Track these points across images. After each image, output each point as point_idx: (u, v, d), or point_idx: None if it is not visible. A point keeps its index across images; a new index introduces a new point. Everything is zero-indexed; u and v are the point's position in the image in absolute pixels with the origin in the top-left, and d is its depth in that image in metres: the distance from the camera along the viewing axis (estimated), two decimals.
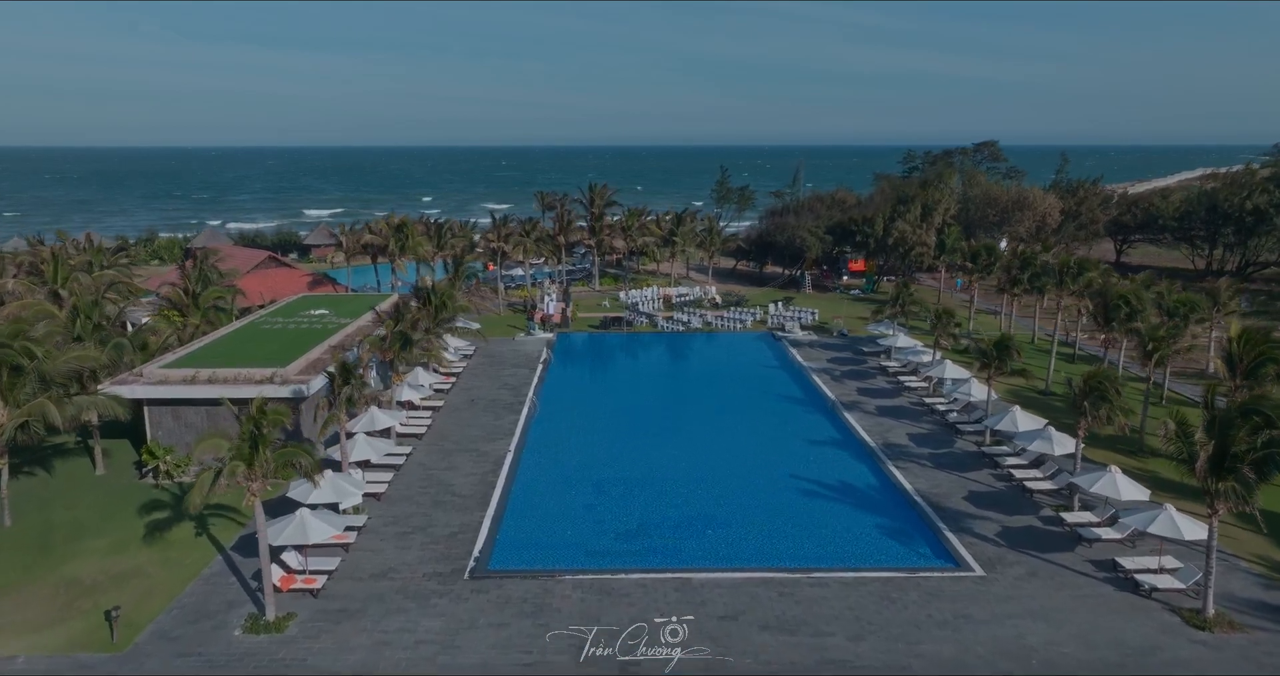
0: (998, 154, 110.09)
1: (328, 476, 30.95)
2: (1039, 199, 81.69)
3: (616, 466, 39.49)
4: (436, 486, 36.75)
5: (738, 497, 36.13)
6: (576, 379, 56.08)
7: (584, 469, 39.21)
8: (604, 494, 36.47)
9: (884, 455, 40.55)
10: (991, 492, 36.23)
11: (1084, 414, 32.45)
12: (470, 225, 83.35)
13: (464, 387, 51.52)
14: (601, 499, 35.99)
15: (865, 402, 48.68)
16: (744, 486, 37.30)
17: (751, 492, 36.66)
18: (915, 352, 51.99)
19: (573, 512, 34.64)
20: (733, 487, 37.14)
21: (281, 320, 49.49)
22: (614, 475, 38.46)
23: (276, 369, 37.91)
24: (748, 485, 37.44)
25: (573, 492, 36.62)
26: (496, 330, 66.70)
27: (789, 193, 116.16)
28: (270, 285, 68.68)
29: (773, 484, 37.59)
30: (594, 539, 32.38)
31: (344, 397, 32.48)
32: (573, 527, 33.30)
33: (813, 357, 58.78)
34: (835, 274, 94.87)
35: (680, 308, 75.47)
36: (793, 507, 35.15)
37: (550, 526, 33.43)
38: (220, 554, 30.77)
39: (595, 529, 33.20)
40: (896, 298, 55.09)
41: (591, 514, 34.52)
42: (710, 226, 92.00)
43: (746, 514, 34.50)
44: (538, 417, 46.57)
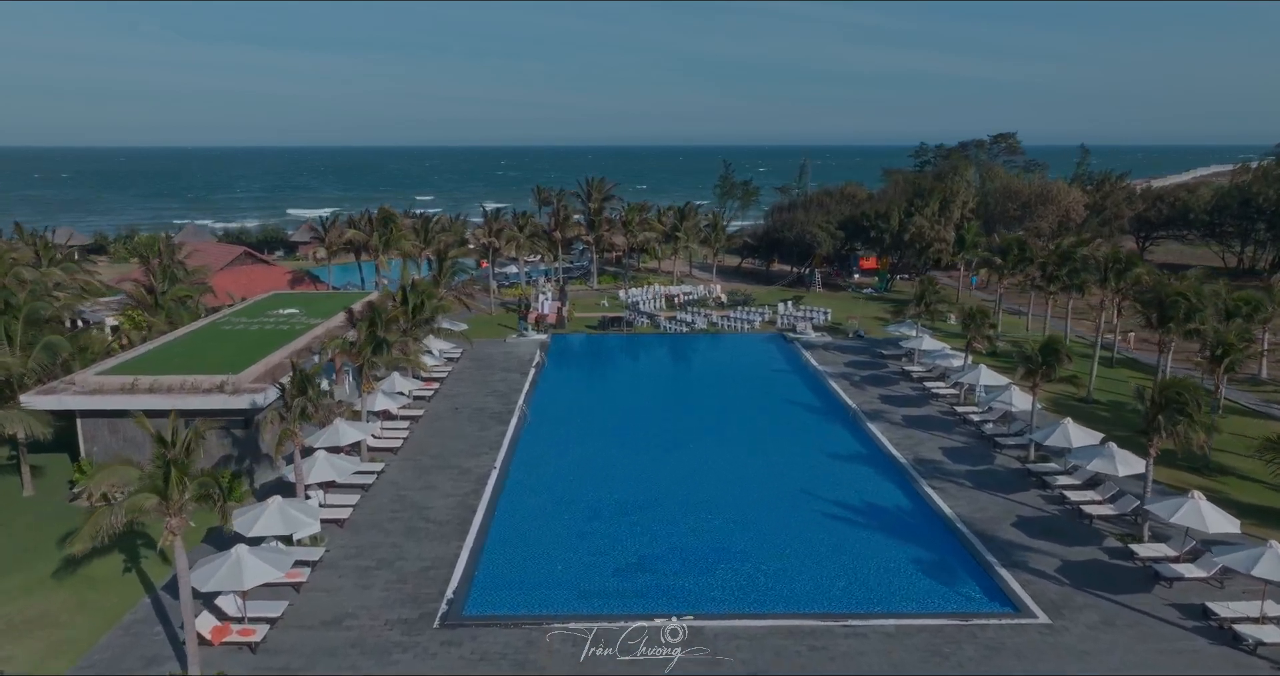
0: (1015, 146, 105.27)
1: (276, 503, 26.42)
2: (1063, 193, 77.14)
3: (615, 486, 34.92)
4: (409, 510, 32.17)
5: (754, 524, 31.56)
6: (572, 385, 51.48)
7: (578, 489, 34.64)
8: (600, 519, 31.89)
9: (916, 472, 35.99)
10: (1044, 518, 31.63)
11: (1158, 430, 27.88)
12: (460, 219, 78.76)
13: (448, 394, 46.95)
14: (597, 525, 31.41)
15: (889, 412, 44.10)
16: (760, 511, 32.74)
17: (769, 518, 32.09)
18: (943, 356, 47.38)
19: (564, 543, 30.05)
20: (747, 512, 32.57)
21: (245, 320, 44.90)
22: (612, 497, 33.88)
23: (228, 376, 33.35)
24: (764, 509, 32.87)
25: (564, 518, 32.04)
26: (487, 331, 62.16)
27: (795, 188, 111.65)
28: (245, 283, 64.18)
29: (792, 507, 33.02)
30: (588, 576, 27.79)
31: (297, 410, 27.91)
32: (564, 562, 28.71)
33: (828, 361, 54.21)
34: (845, 272, 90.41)
35: (684, 307, 70.92)
36: (817, 536, 30.58)
37: (538, 560, 28.83)
38: (149, 595, 26.20)
39: (590, 563, 28.59)
40: (920, 296, 50.52)
41: (586, 545, 29.91)
42: (714, 222, 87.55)
43: (764, 544, 29.92)
44: (528, 428, 42.03)
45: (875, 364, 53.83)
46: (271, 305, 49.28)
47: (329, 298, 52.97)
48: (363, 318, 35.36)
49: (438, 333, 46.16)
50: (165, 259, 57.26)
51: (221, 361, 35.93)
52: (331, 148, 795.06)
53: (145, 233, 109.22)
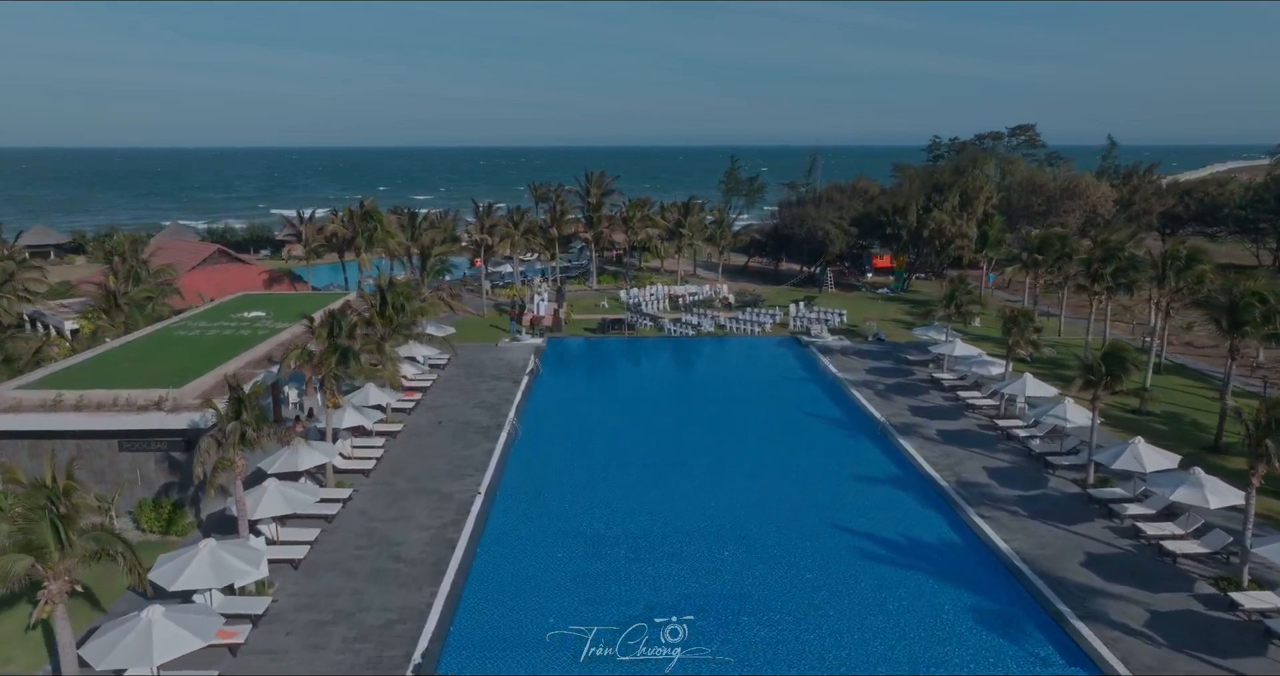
0: (1035, 139, 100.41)
1: (208, 548, 21.95)
2: (1091, 187, 72.59)
3: (615, 516, 30.43)
4: (378, 547, 27.67)
5: (776, 563, 27.09)
6: (568, 394, 46.91)
7: (573, 520, 30.16)
8: (600, 558, 27.38)
9: (960, 498, 31.49)
10: (1117, 556, 27.13)
11: (1265, 457, 23.39)
12: (451, 216, 74.24)
13: (431, 405, 42.48)
14: (596, 566, 26.91)
15: (922, 426, 39.61)
16: (783, 546, 28.26)
17: (793, 556, 27.61)
18: (979, 363, 42.82)
19: (557, 588, 25.54)
20: (768, 548, 28.09)
21: (204, 324, 40.39)
22: (612, 529, 29.40)
23: (168, 390, 28.86)
24: (787, 544, 28.39)
25: (557, 556, 27.54)
26: (478, 334, 57.68)
27: (804, 184, 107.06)
28: (218, 283, 59.70)
29: (820, 542, 28.53)
30: (587, 629, 23.32)
31: (234, 437, 23.42)
32: (557, 610, 24.20)
33: (848, 368, 49.70)
34: (858, 270, 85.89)
35: (689, 308, 66.45)
36: (851, 577, 26.11)
37: (526, 609, 24.34)
38: (49, 661, 21.70)
39: (587, 614, 24.05)
40: (951, 297, 45.94)
41: (582, 591, 25.39)
42: (720, 219, 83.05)
43: (790, 590, 25.44)
44: (519, 444, 37.59)
45: (900, 370, 49.32)
46: (238, 307, 44.77)
47: (303, 299, 48.47)
48: (323, 324, 30.82)
49: (421, 338, 41.70)
50: (128, 258, 52.91)
51: (168, 372, 31.47)
52: (331, 148, 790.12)
53: (126, 231, 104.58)
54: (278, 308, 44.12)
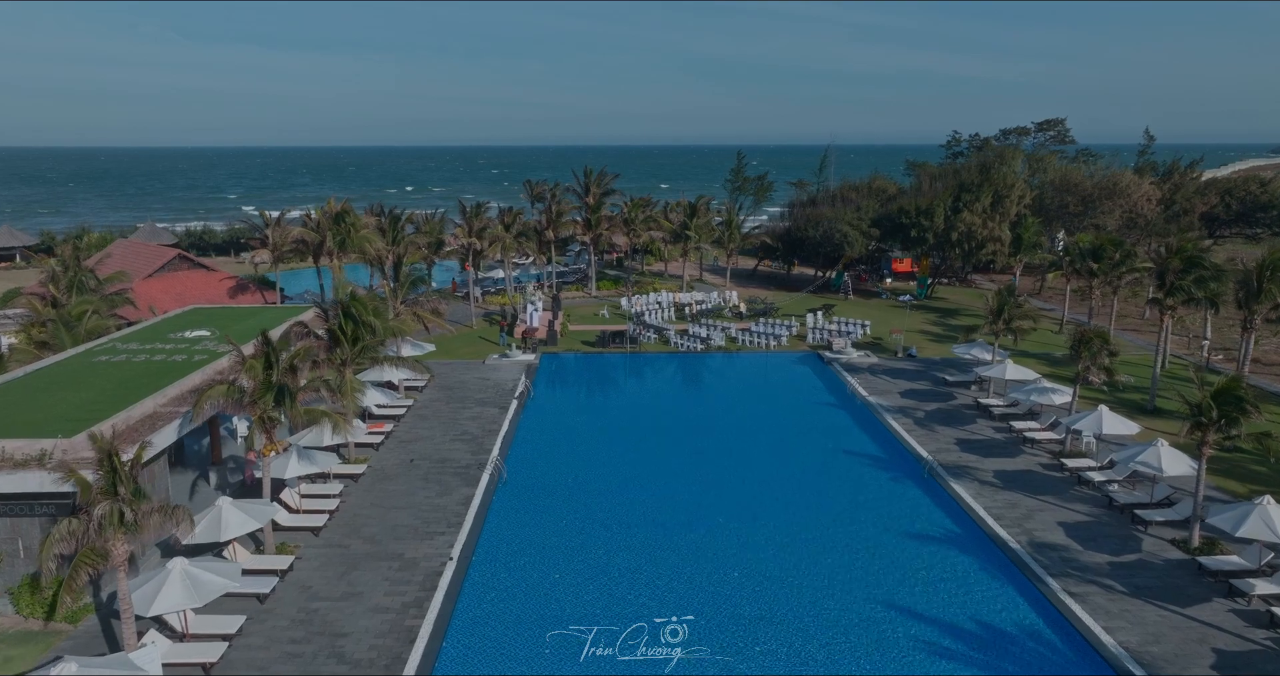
0: (1065, 134, 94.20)
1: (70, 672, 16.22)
2: (1133, 185, 66.74)
3: (617, 591, 24.66)
4: (316, 642, 21.92)
5: (811, 659, 21.34)
6: (562, 423, 41.02)
7: (566, 598, 24.35)
8: (596, 664, 21.60)
9: (1037, 566, 25.74)
10: (1254, 655, 21.37)
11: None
12: (438, 217, 68.46)
13: (403, 439, 36.75)
14: (598, 667, 21.15)
15: (975, 465, 33.86)
16: (821, 629, 22.50)
17: (834, 649, 21.85)
18: (1038, 391, 36.93)
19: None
20: (807, 645, 22.29)
21: (135, 347, 34.53)
22: (613, 609, 23.59)
23: (55, 441, 23.08)
24: (827, 626, 22.64)
25: (545, 653, 21.78)
26: (465, 349, 51.96)
27: (816, 182, 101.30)
28: (177, 292, 53.96)
29: (870, 634, 22.74)
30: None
31: (108, 520, 17.62)
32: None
33: (879, 390, 43.94)
34: (876, 275, 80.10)
35: (696, 318, 60.69)
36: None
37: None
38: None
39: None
40: (1000, 310, 40.12)
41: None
42: (729, 219, 77.18)
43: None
44: (503, 489, 31.89)
45: (939, 393, 43.56)
46: (179, 325, 38.92)
47: (258, 314, 42.55)
48: (257, 354, 24.97)
49: (395, 362, 35.89)
50: (70, 266, 47.23)
51: (69, 412, 25.70)
52: (331, 148, 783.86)
53: (98, 232, 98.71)
54: (228, 325, 38.32)
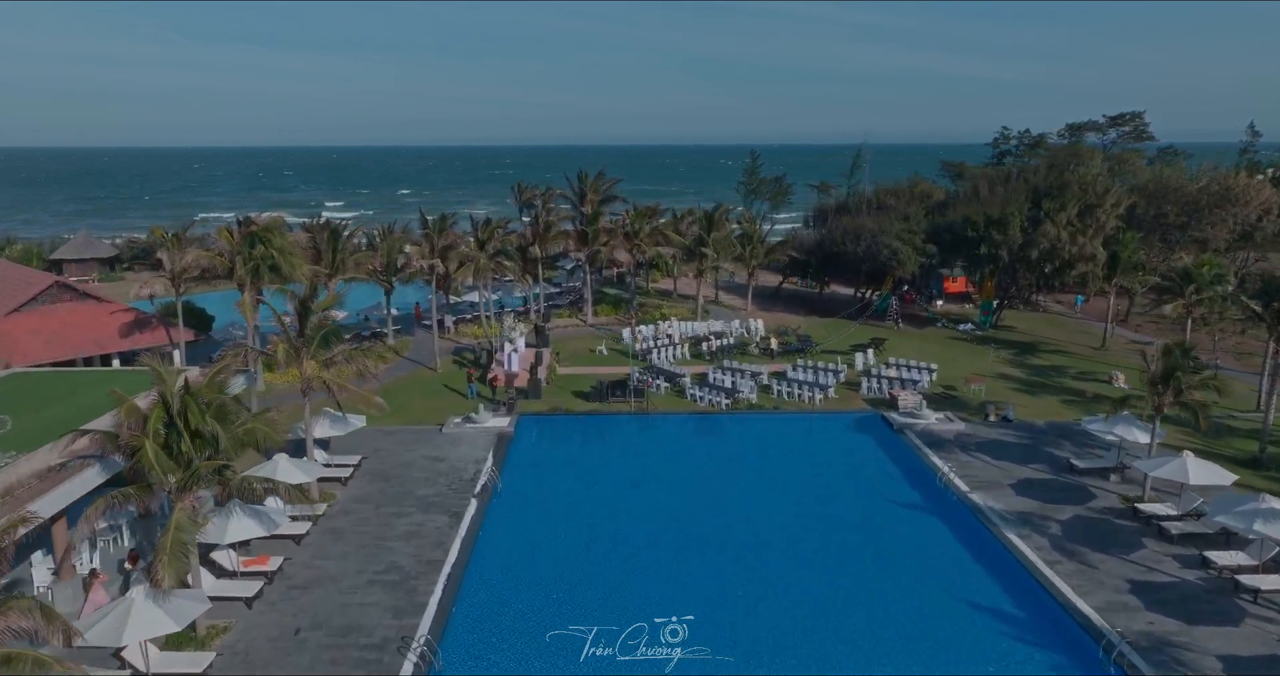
0: (1143, 130, 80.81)
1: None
2: (1253, 191, 54.28)
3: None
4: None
5: None
6: (534, 540, 28.18)
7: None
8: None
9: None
10: None
11: None
12: (398, 229, 56.07)
13: (298, 582, 24.25)
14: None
15: (1179, 637, 21.40)
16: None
17: None
18: (1238, 502, 24.25)
19: None
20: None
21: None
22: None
23: None
24: None
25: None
26: (422, 405, 39.72)
27: (846, 185, 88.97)
28: (50, 331, 41.68)
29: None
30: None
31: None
32: None
33: (983, 482, 31.47)
34: (924, 297, 67.65)
35: (717, 358, 48.34)
36: None
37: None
38: None
39: None
40: (1169, 375, 27.63)
41: None
42: (750, 231, 64.90)
43: None
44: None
45: (1067, 487, 31.01)
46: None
47: (92, 387, 29.57)
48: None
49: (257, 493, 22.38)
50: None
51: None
52: (330, 147, 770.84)
53: (23, 242, 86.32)
54: (46, 403, 25.95)
